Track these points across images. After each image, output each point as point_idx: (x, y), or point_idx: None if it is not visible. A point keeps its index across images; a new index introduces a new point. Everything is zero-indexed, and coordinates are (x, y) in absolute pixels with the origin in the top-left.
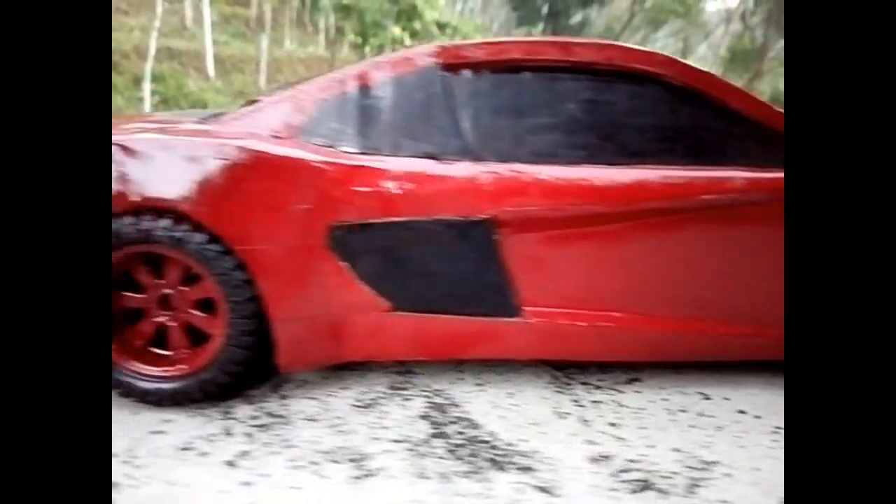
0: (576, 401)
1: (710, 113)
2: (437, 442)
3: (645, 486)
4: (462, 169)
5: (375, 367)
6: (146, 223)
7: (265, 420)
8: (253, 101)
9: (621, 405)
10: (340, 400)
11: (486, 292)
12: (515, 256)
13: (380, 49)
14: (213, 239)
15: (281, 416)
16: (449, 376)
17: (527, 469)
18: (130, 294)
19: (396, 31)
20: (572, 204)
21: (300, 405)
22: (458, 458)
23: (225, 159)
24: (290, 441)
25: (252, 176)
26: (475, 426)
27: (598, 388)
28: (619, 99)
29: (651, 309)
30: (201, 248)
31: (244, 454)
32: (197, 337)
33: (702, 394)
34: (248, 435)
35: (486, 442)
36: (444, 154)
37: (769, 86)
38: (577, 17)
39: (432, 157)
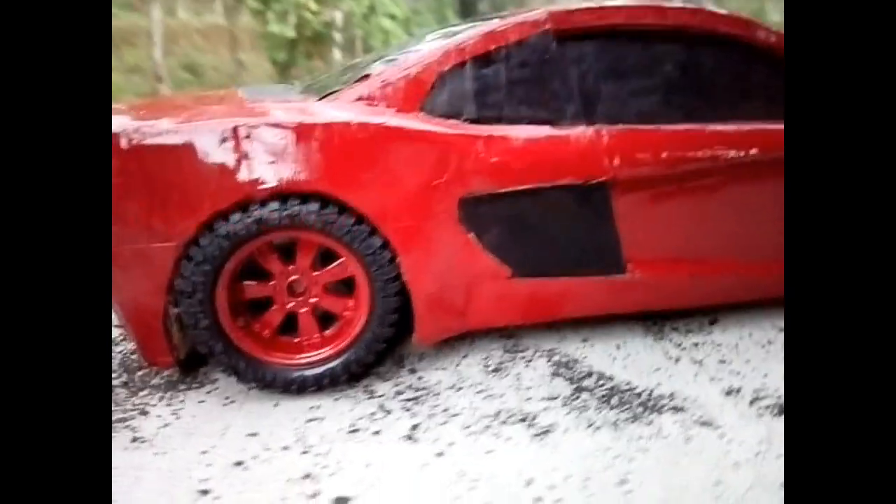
0: (679, 345)
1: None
2: (585, 395)
3: (782, 408)
4: (580, 133)
5: (479, 334)
6: (294, 208)
7: (412, 394)
8: (355, 71)
9: (717, 344)
10: (468, 368)
11: (597, 252)
12: (624, 215)
13: (283, 15)
14: (360, 219)
15: (424, 389)
16: (551, 336)
17: (678, 409)
18: (259, 283)
19: None
20: (679, 161)
21: (435, 376)
22: (614, 407)
23: (365, 137)
24: (450, 410)
25: (393, 153)
26: (608, 377)
27: (689, 331)
28: (708, 60)
29: (737, 255)
30: (350, 230)
31: (415, 427)
32: (323, 321)
33: (777, 327)
34: (407, 409)
35: (628, 390)
36: (561, 119)
37: None
38: None
39: (550, 123)
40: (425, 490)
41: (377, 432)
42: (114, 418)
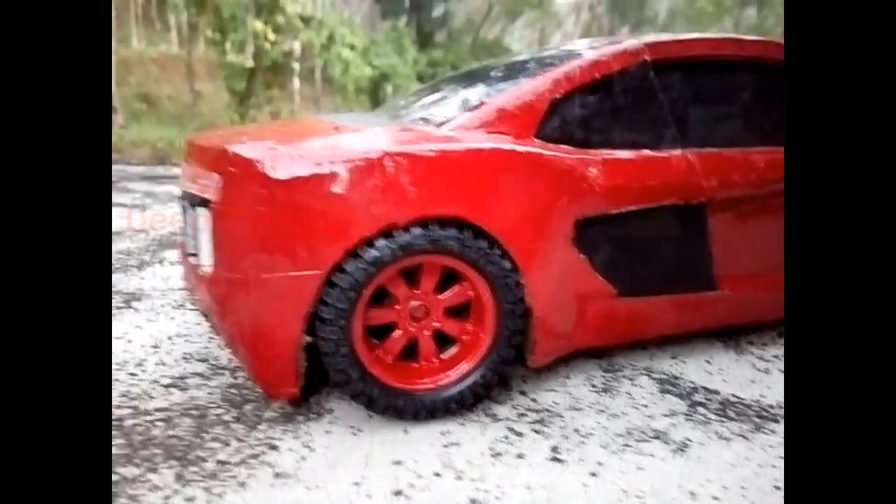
0: (761, 357)
1: None
2: (701, 409)
3: None
4: (680, 157)
5: (573, 355)
6: (436, 233)
7: (535, 416)
8: (429, 97)
9: None
10: (576, 388)
11: (693, 271)
12: (716, 235)
13: (241, 45)
14: (492, 243)
15: (544, 410)
16: (641, 354)
17: None
18: (385, 308)
19: (258, 25)
20: (763, 182)
21: (547, 397)
22: (733, 419)
23: (498, 163)
24: (581, 430)
25: (522, 178)
26: (713, 391)
27: (763, 344)
28: (780, 87)
29: None
30: (486, 252)
31: (556, 449)
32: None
33: None
34: (537, 431)
35: (738, 402)
36: (660, 144)
37: None
38: (439, 10)
39: (650, 147)
40: None
41: (520, 455)
42: (243, 454)
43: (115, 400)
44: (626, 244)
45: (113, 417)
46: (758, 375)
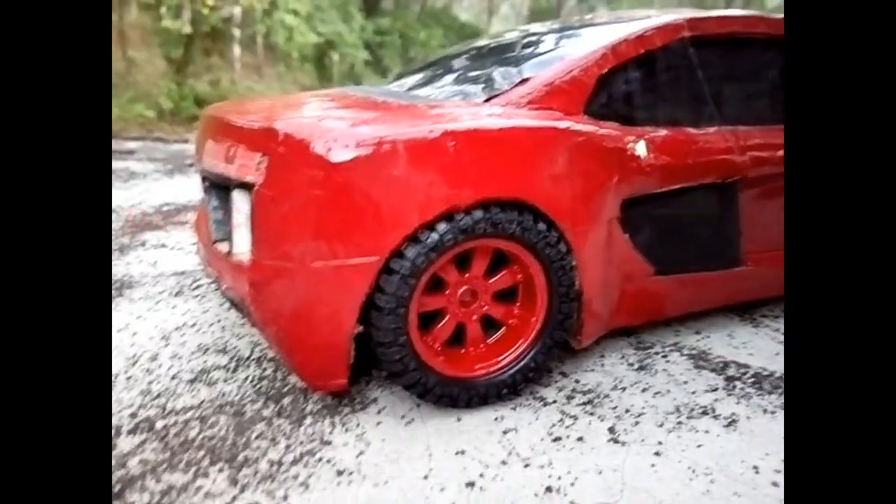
0: (777, 330)
1: None
2: (738, 384)
3: None
4: (719, 134)
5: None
6: (497, 215)
7: (583, 398)
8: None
9: None
10: (614, 367)
11: (723, 248)
12: (744, 212)
13: (177, 9)
14: (549, 225)
15: (590, 391)
16: (667, 331)
17: None
18: (434, 295)
19: None
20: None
21: (590, 378)
22: (771, 392)
23: (555, 142)
24: (632, 410)
25: (577, 157)
26: (744, 365)
27: (776, 317)
28: None
29: None
30: (544, 235)
31: (613, 430)
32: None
33: None
34: (590, 413)
35: (769, 375)
36: (699, 122)
37: None
38: None
39: (690, 125)
40: (674, 488)
41: (580, 439)
42: (296, 452)
43: (138, 399)
44: (664, 223)
45: (140, 419)
46: (779, 348)
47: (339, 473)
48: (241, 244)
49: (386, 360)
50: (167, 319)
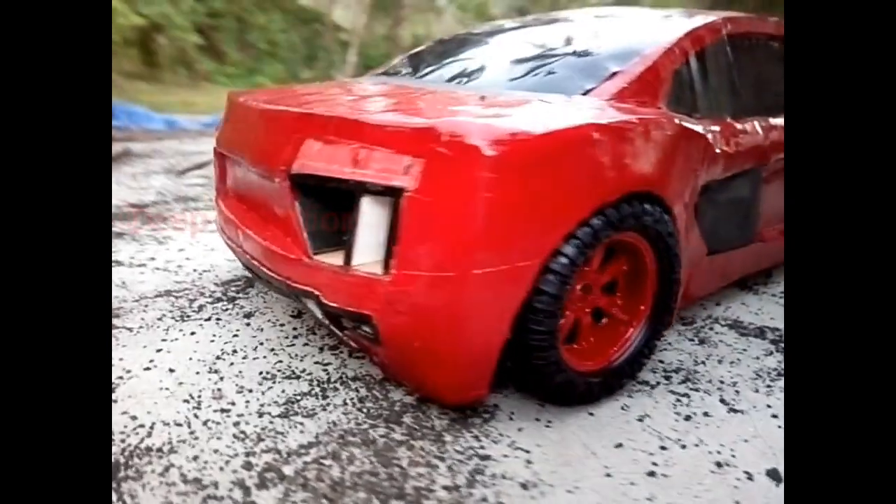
0: (774, 294)
1: None
2: (782, 345)
3: None
4: (751, 125)
5: None
6: (638, 208)
7: (677, 376)
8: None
9: None
10: (680, 342)
11: (747, 228)
12: (764, 195)
13: None
14: (669, 215)
15: (679, 369)
16: (693, 307)
17: None
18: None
19: None
20: None
21: (666, 356)
22: None
23: (672, 135)
24: (724, 380)
25: (683, 149)
26: (775, 329)
27: (766, 284)
28: None
29: None
30: (667, 226)
31: (723, 401)
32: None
33: None
34: (694, 389)
35: None
36: (738, 113)
37: (409, 32)
38: None
39: (734, 117)
40: None
41: (706, 413)
42: (464, 473)
43: (237, 446)
44: (717, 207)
45: (259, 468)
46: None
47: (525, 487)
48: (368, 255)
49: (541, 363)
50: (197, 349)
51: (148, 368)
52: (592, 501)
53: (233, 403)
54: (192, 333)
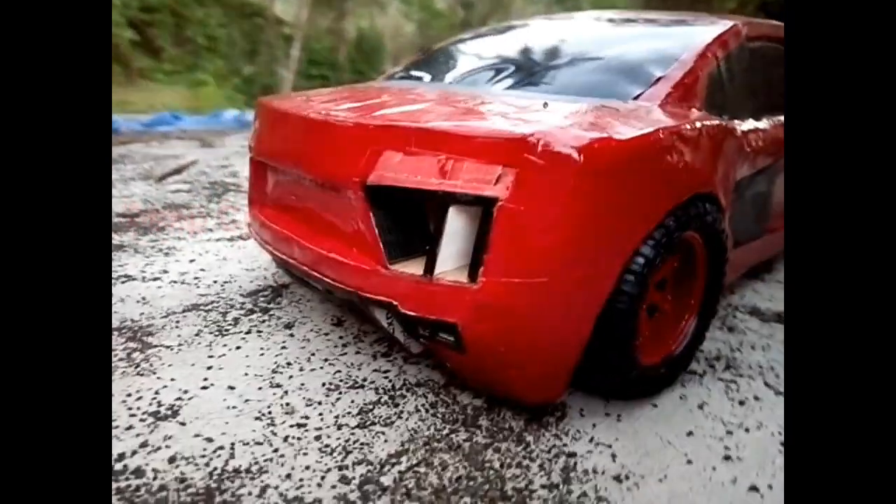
0: (778, 280)
1: None
2: None
3: None
4: (770, 124)
5: None
6: (702, 208)
7: (718, 364)
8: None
9: None
10: (712, 332)
11: (764, 221)
12: (776, 191)
13: None
14: (721, 213)
15: (719, 357)
16: None
17: None
18: None
19: None
20: None
21: (705, 346)
22: None
23: (721, 136)
24: (762, 365)
25: (732, 150)
26: None
27: (766, 271)
28: None
29: None
30: (721, 224)
31: (768, 385)
32: None
33: None
34: (738, 375)
35: None
36: (758, 113)
37: (353, 25)
38: None
39: (755, 117)
40: None
41: (756, 398)
42: (556, 470)
43: (326, 461)
44: (743, 203)
45: (357, 480)
46: None
47: (618, 479)
48: (450, 263)
49: (615, 362)
50: (249, 364)
51: (205, 387)
52: (684, 489)
53: (307, 417)
54: (238, 348)
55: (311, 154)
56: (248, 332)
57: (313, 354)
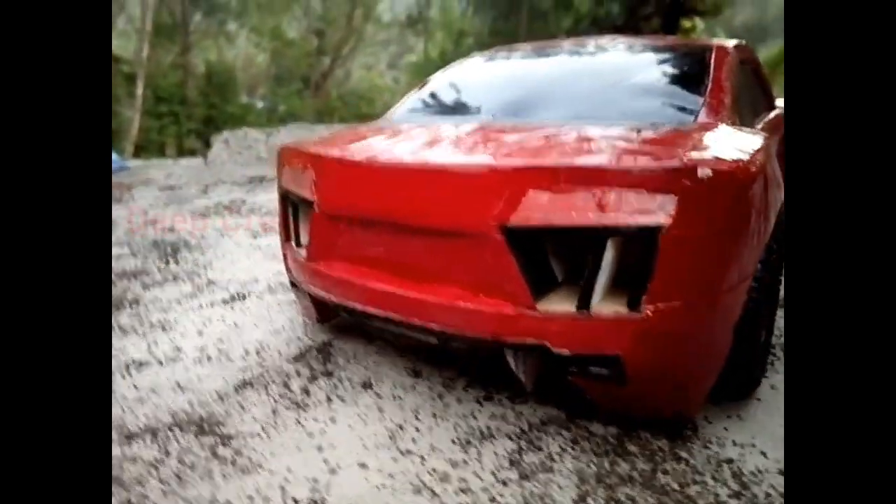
0: None
1: None
2: None
3: None
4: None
5: None
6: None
7: (780, 352)
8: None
9: None
10: None
11: None
12: None
13: None
14: None
15: (778, 345)
16: None
17: None
18: None
19: None
20: None
21: None
22: None
23: (772, 151)
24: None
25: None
26: None
27: None
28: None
29: None
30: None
31: None
32: None
33: None
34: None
35: None
36: (752, 119)
37: (201, 59)
38: None
39: (753, 125)
40: None
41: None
42: (727, 477)
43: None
44: None
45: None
46: None
47: (782, 473)
48: (599, 295)
49: (744, 365)
50: (359, 435)
51: (334, 471)
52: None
53: (464, 480)
54: (333, 420)
55: (418, 202)
56: (330, 400)
57: (418, 413)
